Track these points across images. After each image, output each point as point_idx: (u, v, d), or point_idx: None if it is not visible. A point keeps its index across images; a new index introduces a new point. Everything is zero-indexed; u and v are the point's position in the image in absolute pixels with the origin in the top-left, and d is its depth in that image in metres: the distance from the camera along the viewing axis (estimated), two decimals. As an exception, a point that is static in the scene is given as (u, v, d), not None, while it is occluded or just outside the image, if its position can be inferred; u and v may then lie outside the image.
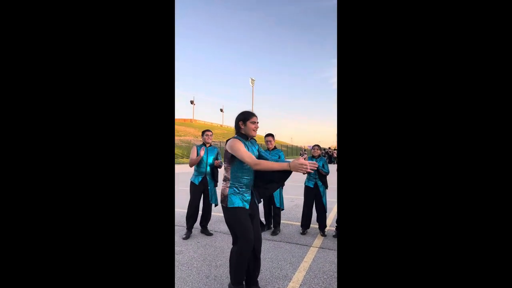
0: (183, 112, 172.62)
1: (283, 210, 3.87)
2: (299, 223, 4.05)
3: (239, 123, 2.03)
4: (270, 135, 3.78)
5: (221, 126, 67.13)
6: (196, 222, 3.67)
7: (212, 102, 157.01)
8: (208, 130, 3.75)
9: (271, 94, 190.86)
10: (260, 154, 2.14)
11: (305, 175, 3.28)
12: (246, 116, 2.02)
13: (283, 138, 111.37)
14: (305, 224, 3.75)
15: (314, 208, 3.77)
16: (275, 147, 3.87)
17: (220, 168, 3.64)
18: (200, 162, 3.62)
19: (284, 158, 3.85)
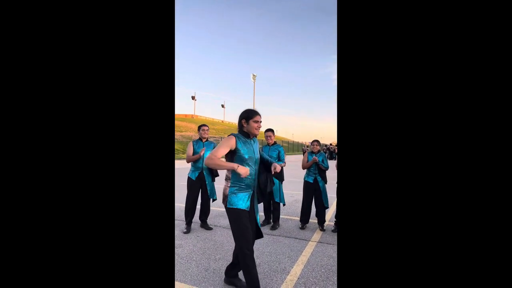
0: (184, 108, 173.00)
1: (284, 205, 3.89)
2: (298, 218, 4.08)
3: (242, 121, 2.02)
4: (270, 130, 3.77)
5: (222, 121, 67.07)
6: (194, 216, 3.69)
7: (213, 98, 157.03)
8: (204, 125, 3.72)
9: (273, 89, 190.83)
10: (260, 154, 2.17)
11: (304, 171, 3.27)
12: (249, 114, 1.99)
13: (285, 134, 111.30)
14: (304, 219, 3.77)
15: (313, 203, 3.79)
16: (275, 142, 3.87)
17: None
18: None
19: (284, 154, 3.88)
